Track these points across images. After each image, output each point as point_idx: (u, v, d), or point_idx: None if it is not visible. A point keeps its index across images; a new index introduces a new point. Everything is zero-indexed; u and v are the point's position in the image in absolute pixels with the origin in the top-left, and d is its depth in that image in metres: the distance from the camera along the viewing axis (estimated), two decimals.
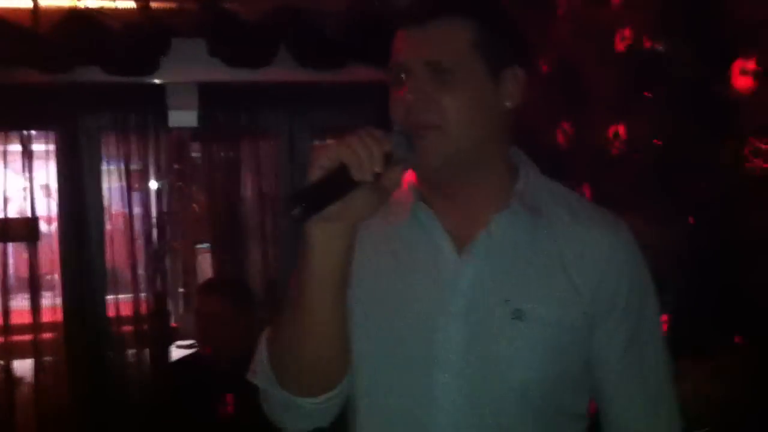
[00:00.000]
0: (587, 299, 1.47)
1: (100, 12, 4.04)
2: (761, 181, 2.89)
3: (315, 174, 1.32)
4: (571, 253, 1.49)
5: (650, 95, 3.38)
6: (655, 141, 3.26)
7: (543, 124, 4.66)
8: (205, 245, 5.18)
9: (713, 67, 3.17)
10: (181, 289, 5.86)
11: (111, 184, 4.59)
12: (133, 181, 4.56)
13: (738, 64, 3.05)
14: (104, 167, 4.55)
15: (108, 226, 4.60)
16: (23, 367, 4.52)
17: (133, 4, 4.12)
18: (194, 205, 4.97)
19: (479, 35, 1.45)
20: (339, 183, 1.32)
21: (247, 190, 4.80)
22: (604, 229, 1.53)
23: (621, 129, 3.83)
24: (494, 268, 1.47)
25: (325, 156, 1.32)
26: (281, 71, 4.33)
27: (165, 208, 4.73)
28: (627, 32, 3.49)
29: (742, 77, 2.99)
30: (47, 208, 4.76)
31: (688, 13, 3.23)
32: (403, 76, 1.46)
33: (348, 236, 1.39)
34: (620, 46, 3.77)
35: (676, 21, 3.24)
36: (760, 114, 2.91)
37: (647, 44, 3.38)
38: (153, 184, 4.65)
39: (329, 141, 1.48)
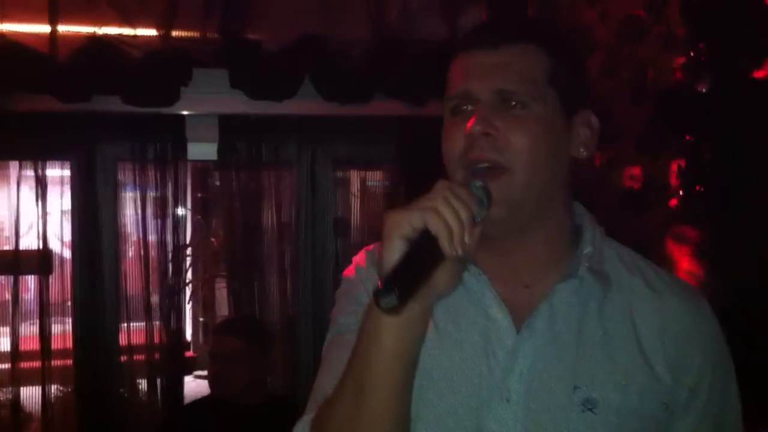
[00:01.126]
0: (668, 385, 1.26)
1: (119, 40, 3.97)
2: None
3: (395, 247, 1.10)
4: (648, 330, 1.27)
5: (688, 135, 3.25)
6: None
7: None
8: (223, 275, 5.08)
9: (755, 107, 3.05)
10: (201, 319, 5.77)
11: (128, 214, 4.48)
12: (151, 212, 4.46)
13: None
14: (121, 197, 4.44)
15: (124, 256, 4.48)
16: (31, 395, 4.40)
17: (154, 32, 4.05)
18: (212, 239, 4.86)
19: (556, 68, 1.28)
20: (429, 258, 1.10)
21: (267, 222, 4.68)
22: (686, 302, 1.32)
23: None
24: (559, 346, 1.25)
25: (408, 225, 1.10)
26: (304, 104, 4.23)
27: (184, 240, 4.62)
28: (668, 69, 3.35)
29: None
30: (61, 235, 4.66)
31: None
32: (467, 107, 1.28)
33: (429, 313, 1.19)
34: (655, 83, 3.67)
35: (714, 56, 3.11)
36: None
37: (683, 81, 3.25)
38: (172, 216, 4.53)
39: (404, 207, 1.15)
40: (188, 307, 6.19)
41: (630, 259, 1.37)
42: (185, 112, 4.19)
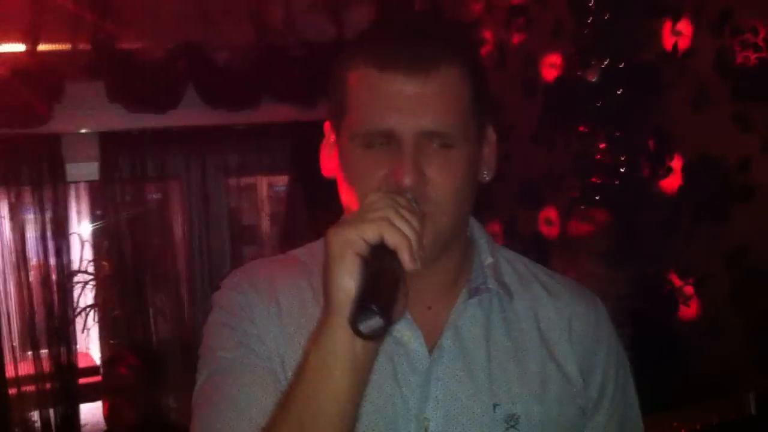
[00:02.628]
0: (580, 387, 1.21)
1: None
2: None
3: (350, 265, 0.99)
4: (555, 335, 1.22)
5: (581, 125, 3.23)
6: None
7: None
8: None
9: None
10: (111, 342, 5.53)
11: (6, 240, 4.24)
12: (33, 237, 4.23)
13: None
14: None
15: (4, 283, 4.26)
16: None
17: (21, 48, 3.80)
18: (104, 262, 4.62)
19: (475, 91, 1.13)
20: (393, 274, 0.98)
21: (159, 239, 4.49)
22: (583, 302, 1.27)
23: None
24: (470, 364, 1.16)
25: (361, 240, 0.98)
26: (189, 114, 4.06)
27: (69, 264, 4.39)
28: (556, 60, 3.33)
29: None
30: None
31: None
32: (384, 142, 1.11)
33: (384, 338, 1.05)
34: (548, 75, 3.65)
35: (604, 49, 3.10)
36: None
37: (575, 73, 3.22)
38: (54, 240, 4.29)
39: (344, 222, 1.02)
40: (95, 331, 5.96)
41: (524, 266, 1.29)
42: (61, 131, 3.95)
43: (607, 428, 1.24)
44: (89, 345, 6.17)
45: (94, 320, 5.06)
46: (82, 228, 5.33)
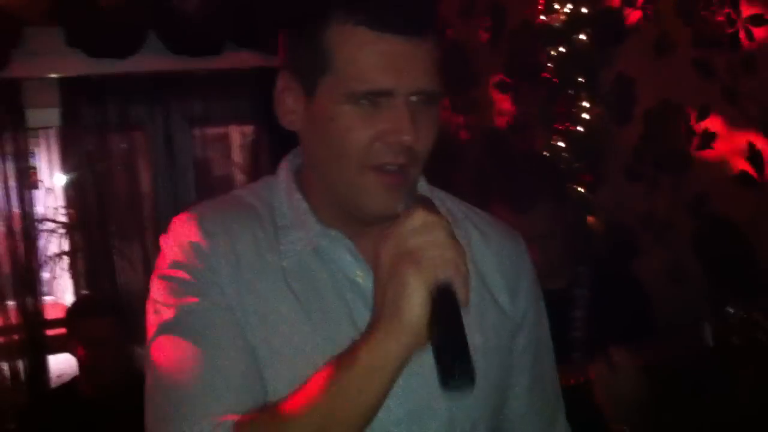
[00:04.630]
0: (511, 317, 1.34)
1: None
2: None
3: (421, 298, 1.04)
4: (488, 267, 1.34)
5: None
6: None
7: None
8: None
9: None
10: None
11: None
12: None
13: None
14: None
15: None
16: None
17: None
18: (70, 210, 4.56)
19: (437, 49, 1.20)
20: (457, 313, 1.05)
21: (123, 189, 4.44)
22: (509, 237, 1.41)
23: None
24: None
25: (434, 277, 1.04)
26: (151, 59, 3.99)
27: (32, 212, 4.34)
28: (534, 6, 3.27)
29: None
30: None
31: None
32: (379, 99, 1.16)
33: None
34: (513, 22, 3.62)
35: None
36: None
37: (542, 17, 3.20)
38: (17, 188, 4.23)
39: (413, 254, 1.08)
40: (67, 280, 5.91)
41: (456, 206, 1.39)
42: (20, 76, 3.87)
43: (525, 350, 1.37)
44: (62, 294, 6.12)
45: (63, 269, 5.03)
46: (46, 176, 5.26)
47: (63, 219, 4.60)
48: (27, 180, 4.23)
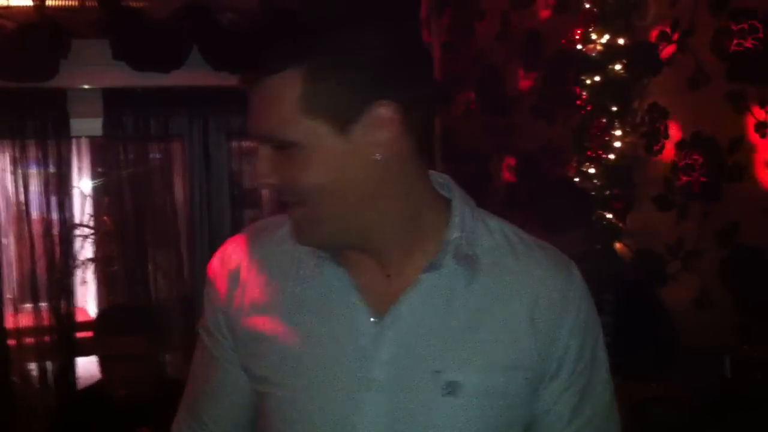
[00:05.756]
0: (534, 360, 1.23)
1: None
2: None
3: None
4: (517, 307, 1.23)
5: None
6: None
7: (463, 128, 4.56)
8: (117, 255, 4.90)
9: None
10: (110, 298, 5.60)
11: (10, 194, 4.29)
12: (36, 191, 4.27)
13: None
14: (2, 176, 4.25)
15: (6, 236, 4.35)
16: None
17: (29, 2, 3.83)
18: (105, 217, 4.67)
19: (308, 85, 1.12)
20: None
21: (160, 199, 4.54)
22: (555, 274, 1.27)
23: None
24: (423, 332, 1.21)
25: None
26: (193, 74, 4.09)
27: (72, 219, 4.44)
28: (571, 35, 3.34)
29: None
30: None
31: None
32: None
33: None
34: (548, 48, 3.68)
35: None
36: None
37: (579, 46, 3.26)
38: (57, 194, 4.34)
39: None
40: (92, 287, 6.01)
41: (498, 230, 1.30)
42: (66, 86, 3.98)
43: (562, 397, 1.26)
44: (86, 300, 6.23)
45: (93, 274, 5.13)
46: (84, 183, 5.37)
47: (94, 225, 4.71)
48: (66, 186, 4.34)
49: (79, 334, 4.65)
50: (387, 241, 1.24)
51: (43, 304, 4.34)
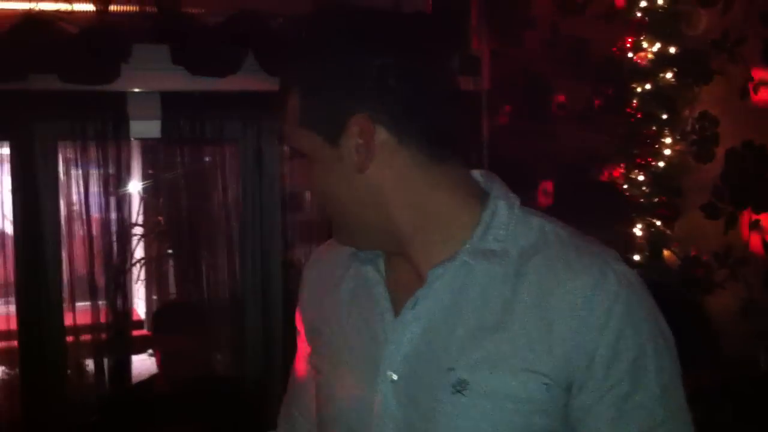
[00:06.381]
0: (554, 367, 1.18)
1: (56, 16, 3.85)
2: None
3: None
4: (538, 309, 1.19)
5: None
6: None
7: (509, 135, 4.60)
8: (171, 254, 5.04)
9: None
10: (154, 297, 5.75)
11: (71, 193, 4.42)
12: (94, 191, 4.39)
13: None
14: (63, 176, 4.36)
15: (67, 236, 4.44)
16: None
17: (91, 8, 3.96)
18: (159, 217, 4.79)
19: (302, 101, 1.25)
20: None
21: (213, 200, 4.64)
22: (582, 276, 1.19)
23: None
24: (437, 330, 1.24)
25: None
26: (248, 79, 4.17)
27: (129, 219, 4.56)
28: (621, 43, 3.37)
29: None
30: (1, 217, 4.57)
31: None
32: None
33: None
34: (596, 54, 3.71)
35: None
36: None
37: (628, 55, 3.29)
38: (116, 195, 4.46)
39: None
40: (141, 286, 6.15)
41: (538, 231, 1.27)
42: (126, 89, 4.10)
43: (593, 410, 1.20)
44: (136, 299, 6.37)
45: (145, 274, 5.27)
46: (139, 184, 5.51)
47: (148, 226, 4.83)
48: (123, 187, 4.46)
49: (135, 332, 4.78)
50: (406, 243, 1.30)
51: (101, 302, 4.45)
